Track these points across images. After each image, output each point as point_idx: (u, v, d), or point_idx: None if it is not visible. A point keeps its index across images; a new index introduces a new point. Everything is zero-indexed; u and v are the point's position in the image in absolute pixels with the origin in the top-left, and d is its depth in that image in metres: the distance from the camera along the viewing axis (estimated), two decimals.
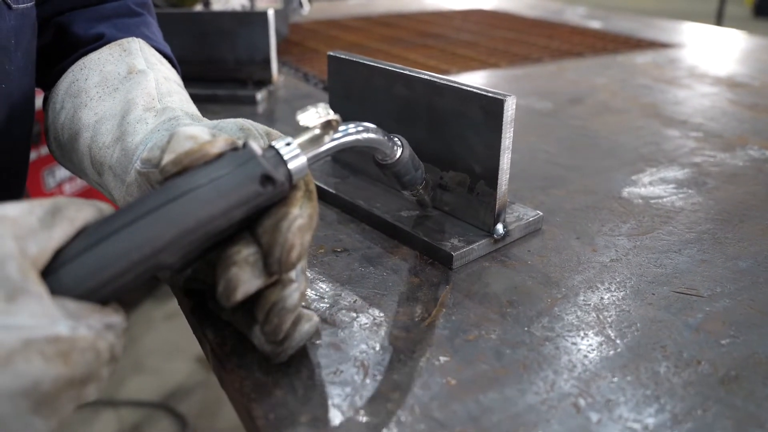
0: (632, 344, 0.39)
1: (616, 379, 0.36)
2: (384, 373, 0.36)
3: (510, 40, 1.33)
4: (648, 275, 0.46)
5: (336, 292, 0.43)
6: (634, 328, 0.40)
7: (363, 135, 0.40)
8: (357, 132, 0.39)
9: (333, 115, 0.35)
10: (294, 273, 0.35)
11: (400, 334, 0.39)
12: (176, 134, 0.35)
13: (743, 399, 0.35)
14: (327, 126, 0.35)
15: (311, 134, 0.35)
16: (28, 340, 0.24)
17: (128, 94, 0.46)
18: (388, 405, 0.34)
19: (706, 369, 0.37)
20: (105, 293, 0.28)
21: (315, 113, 0.35)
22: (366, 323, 0.40)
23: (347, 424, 0.32)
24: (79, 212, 0.29)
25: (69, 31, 0.52)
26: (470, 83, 0.47)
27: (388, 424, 0.32)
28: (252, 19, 0.88)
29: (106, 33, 0.52)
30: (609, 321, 0.41)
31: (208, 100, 0.88)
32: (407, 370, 0.36)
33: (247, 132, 0.40)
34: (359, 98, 0.56)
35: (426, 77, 0.49)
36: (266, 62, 0.90)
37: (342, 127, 0.38)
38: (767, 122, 0.82)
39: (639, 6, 7.28)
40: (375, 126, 0.41)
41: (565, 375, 0.36)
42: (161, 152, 0.35)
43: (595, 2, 3.13)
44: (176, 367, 1.75)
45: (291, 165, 0.33)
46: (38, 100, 0.55)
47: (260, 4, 1.23)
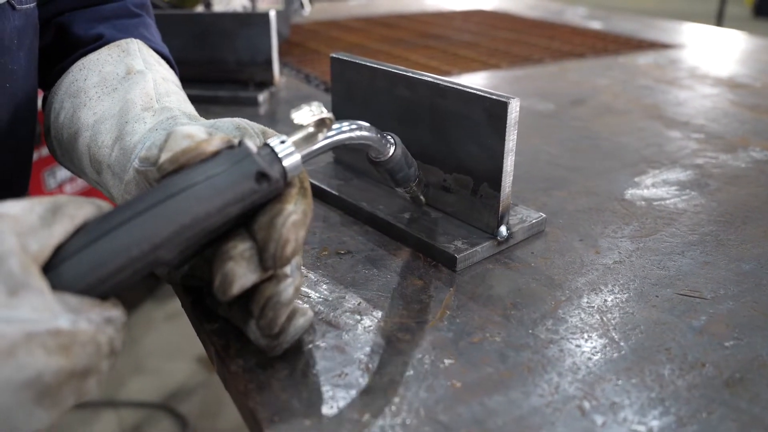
0: (636, 347, 0.39)
1: (621, 382, 0.36)
2: (388, 376, 0.36)
3: (511, 41, 1.33)
4: (651, 277, 0.46)
5: (340, 295, 0.44)
6: (638, 331, 0.40)
7: (356, 133, 0.40)
8: (350, 130, 0.40)
9: (326, 114, 0.36)
10: (289, 268, 0.36)
11: (404, 337, 0.39)
12: (173, 133, 0.36)
13: (748, 402, 0.35)
14: (321, 124, 0.36)
15: (305, 132, 0.36)
16: (31, 333, 0.25)
17: (127, 94, 0.46)
18: (393, 408, 0.34)
19: (711, 371, 0.37)
20: (104, 288, 0.29)
21: (309, 111, 0.36)
22: (370, 326, 0.40)
23: (351, 427, 0.32)
24: (79, 210, 0.29)
25: (69, 32, 0.53)
26: (473, 85, 0.47)
27: (394, 427, 0.32)
28: (253, 21, 0.88)
29: (106, 34, 0.52)
30: (613, 323, 0.41)
31: (210, 102, 0.88)
32: (412, 373, 0.36)
33: (244, 131, 0.41)
34: (362, 100, 0.56)
35: (429, 79, 0.49)
36: (268, 63, 0.90)
37: (335, 125, 0.39)
38: None
39: (639, 6, 7.29)
40: (368, 124, 0.42)
41: (570, 377, 0.36)
42: (159, 151, 0.35)
43: (596, 2, 3.13)
44: (177, 368, 1.75)
45: (286, 162, 0.34)
46: (38, 100, 0.55)
47: (261, 5, 1.23)
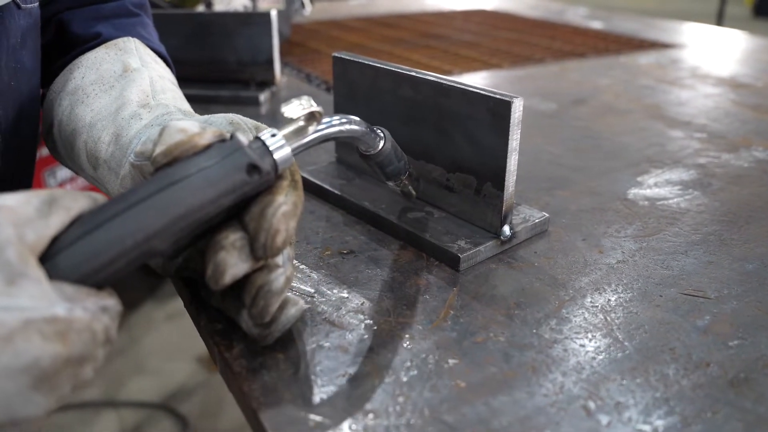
0: (640, 346, 0.39)
1: (625, 382, 0.36)
2: (393, 376, 0.36)
3: (512, 41, 1.33)
4: (655, 277, 0.46)
5: (343, 295, 0.43)
6: (642, 330, 0.40)
7: (346, 126, 0.41)
8: (340, 123, 0.40)
9: (316, 107, 0.37)
10: (280, 259, 0.36)
11: (408, 337, 0.39)
12: (167, 127, 0.36)
13: (753, 401, 0.35)
14: (311, 118, 0.37)
15: (296, 126, 0.37)
16: (28, 320, 0.25)
17: (123, 91, 0.47)
18: (398, 408, 0.34)
19: (715, 371, 0.37)
20: (100, 278, 0.29)
21: (299, 105, 0.36)
22: (373, 326, 0.40)
23: (356, 427, 0.32)
24: (75, 202, 0.30)
25: (68, 30, 0.54)
26: (476, 84, 0.47)
27: (398, 427, 0.32)
28: (254, 20, 0.88)
29: (104, 32, 0.53)
30: (617, 323, 0.41)
31: (211, 101, 0.88)
32: (416, 373, 0.36)
33: (237, 126, 0.42)
34: (364, 99, 0.56)
35: (432, 79, 0.49)
36: (269, 63, 0.90)
37: (325, 119, 0.39)
38: None
39: (639, 6, 7.29)
40: (358, 118, 0.42)
41: (574, 377, 0.36)
42: (153, 145, 0.36)
43: (596, 2, 3.13)
44: (177, 368, 1.75)
45: (276, 155, 0.35)
46: None
47: (262, 5, 1.23)
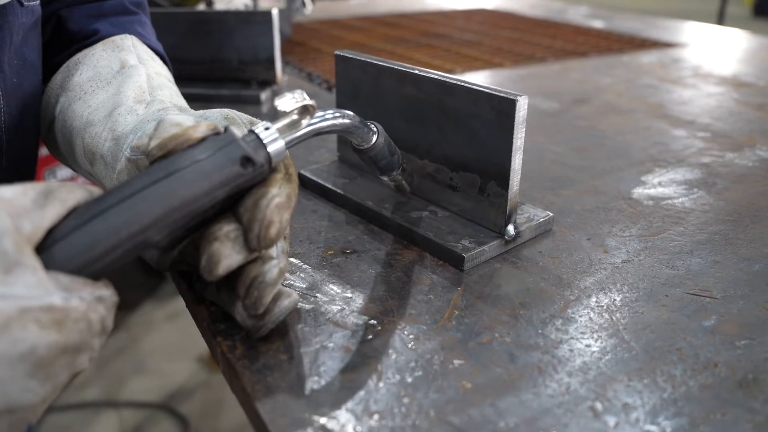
0: (647, 347, 0.39)
1: (633, 383, 0.36)
2: (398, 377, 0.36)
3: (513, 40, 1.33)
4: (660, 277, 0.46)
5: (347, 295, 0.43)
6: (649, 331, 0.40)
7: (339, 120, 0.41)
8: (333, 117, 0.41)
9: (309, 101, 0.37)
10: (274, 251, 0.37)
11: (413, 337, 0.39)
12: (162, 121, 0.37)
13: (762, 402, 0.34)
14: (304, 111, 0.37)
15: (289, 119, 0.37)
16: (25, 308, 0.26)
17: (120, 88, 0.47)
18: (403, 409, 0.33)
19: (723, 372, 0.36)
20: (96, 269, 0.29)
21: (292, 99, 0.37)
22: (377, 326, 0.40)
23: (361, 429, 0.32)
24: (70, 194, 0.30)
25: (66, 27, 0.54)
26: (479, 83, 0.47)
27: (404, 429, 0.32)
28: (255, 19, 0.88)
29: (102, 30, 0.53)
30: (623, 323, 0.41)
31: (212, 101, 0.88)
32: (421, 374, 0.36)
33: (231, 120, 0.42)
34: (367, 98, 0.55)
35: (436, 77, 0.49)
36: (270, 62, 0.89)
37: (319, 113, 0.40)
38: None
39: (639, 5, 7.28)
40: (352, 113, 0.43)
41: (581, 378, 0.36)
42: (149, 139, 0.37)
43: (597, 2, 3.13)
44: (177, 368, 1.74)
45: (270, 148, 0.35)
46: None
47: (263, 4, 1.22)
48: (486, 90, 0.45)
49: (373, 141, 0.46)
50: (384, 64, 0.53)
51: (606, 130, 0.78)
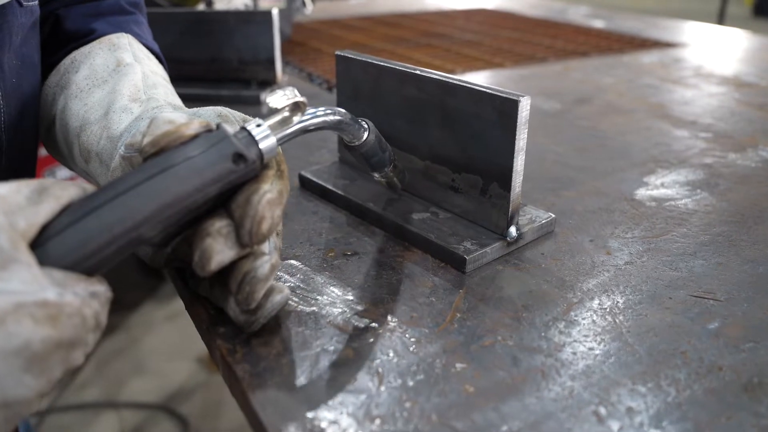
0: (651, 350, 0.38)
1: (637, 386, 0.35)
2: (399, 380, 0.35)
3: (514, 40, 1.32)
4: (664, 279, 0.46)
5: (348, 297, 0.43)
6: (652, 333, 0.40)
7: (330, 117, 0.41)
8: (324, 114, 0.41)
9: (300, 98, 0.38)
10: (267, 247, 0.38)
11: (415, 340, 0.39)
12: (155, 119, 0.37)
13: None
14: (295, 108, 0.38)
15: (281, 116, 0.37)
16: (19, 303, 0.26)
17: (116, 86, 0.48)
18: (405, 413, 0.33)
19: (728, 375, 0.36)
20: (89, 265, 0.30)
21: (283, 96, 0.37)
22: (379, 329, 0.40)
23: None
24: (64, 191, 0.31)
25: (63, 27, 0.54)
26: (481, 83, 0.46)
27: None
28: (256, 19, 0.87)
29: (98, 29, 0.54)
30: (626, 326, 0.40)
31: (212, 101, 0.87)
32: (423, 378, 0.35)
33: (224, 118, 0.42)
34: (368, 98, 0.55)
35: (437, 77, 0.48)
36: (270, 62, 0.89)
37: (310, 110, 0.40)
38: None
39: (639, 5, 7.28)
40: (343, 110, 0.43)
41: (584, 381, 0.36)
42: (143, 137, 0.37)
43: (597, 2, 3.12)
44: (177, 369, 1.74)
45: (262, 145, 0.35)
46: None
47: (263, 4, 1.22)
48: (488, 90, 0.45)
49: (364, 138, 0.46)
50: (385, 64, 0.52)
51: (607, 131, 0.78)
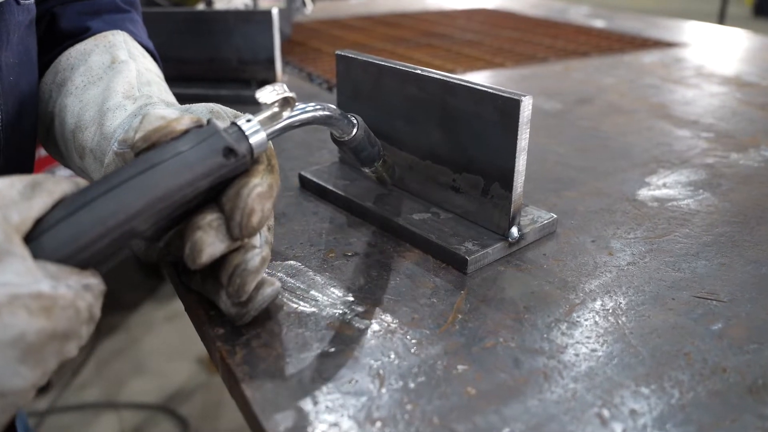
0: (654, 351, 0.38)
1: (640, 388, 0.35)
2: (400, 382, 0.35)
3: (515, 40, 1.32)
4: (666, 279, 0.45)
5: (348, 298, 0.42)
6: (655, 335, 0.39)
7: (318, 112, 0.42)
8: (314, 109, 0.41)
9: (289, 93, 0.38)
10: (257, 241, 0.38)
11: (416, 342, 0.38)
12: (147, 115, 0.38)
13: None
14: (285, 103, 0.38)
15: (270, 111, 0.38)
16: (14, 295, 0.26)
17: (110, 83, 0.48)
18: (406, 416, 0.33)
19: (733, 377, 0.36)
20: (83, 258, 0.30)
21: (273, 91, 0.38)
22: (380, 330, 0.39)
23: None
24: (57, 185, 0.31)
25: (59, 24, 0.55)
26: (482, 83, 0.46)
27: None
28: (255, 18, 0.87)
29: (93, 27, 0.54)
30: (629, 327, 0.40)
31: (211, 101, 0.86)
32: (424, 380, 0.35)
33: (216, 114, 0.43)
34: (368, 98, 0.55)
35: (438, 77, 0.48)
36: (270, 62, 0.89)
37: (300, 105, 0.40)
38: None
39: (639, 5, 7.27)
40: (333, 106, 0.43)
41: (587, 383, 0.35)
42: (135, 133, 0.37)
43: (598, 1, 3.12)
44: (177, 369, 1.74)
45: (252, 139, 0.36)
46: None
47: (263, 3, 1.22)
48: (490, 90, 0.45)
49: (353, 133, 0.47)
50: (385, 64, 0.52)
51: (609, 131, 0.78)
